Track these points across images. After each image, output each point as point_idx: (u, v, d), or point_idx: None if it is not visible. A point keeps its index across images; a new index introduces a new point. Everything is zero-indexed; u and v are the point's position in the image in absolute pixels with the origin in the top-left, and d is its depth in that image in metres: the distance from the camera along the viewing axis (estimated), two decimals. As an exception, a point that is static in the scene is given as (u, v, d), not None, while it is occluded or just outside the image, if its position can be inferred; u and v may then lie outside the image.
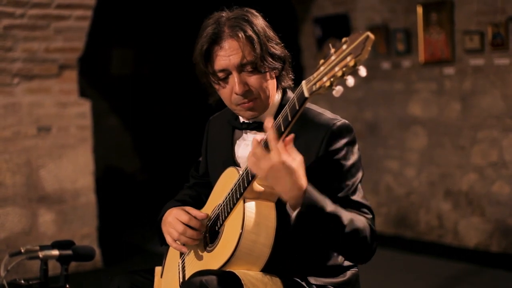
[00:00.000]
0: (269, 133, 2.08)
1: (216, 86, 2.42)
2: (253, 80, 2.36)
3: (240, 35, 2.33)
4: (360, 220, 2.24)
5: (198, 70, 2.45)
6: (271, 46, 2.38)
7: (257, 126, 2.46)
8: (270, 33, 2.41)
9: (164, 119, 10.39)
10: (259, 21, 2.40)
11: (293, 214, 2.13)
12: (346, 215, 2.19)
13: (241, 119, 2.53)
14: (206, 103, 2.62)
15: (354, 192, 2.32)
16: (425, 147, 6.54)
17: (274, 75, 2.43)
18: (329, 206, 2.15)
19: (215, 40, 2.35)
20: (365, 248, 2.26)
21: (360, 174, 2.37)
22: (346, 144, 2.34)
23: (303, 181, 2.10)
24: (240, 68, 2.35)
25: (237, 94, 2.35)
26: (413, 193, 6.66)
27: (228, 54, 2.34)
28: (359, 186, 2.36)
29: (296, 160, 2.09)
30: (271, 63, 2.37)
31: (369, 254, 2.29)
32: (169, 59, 10.37)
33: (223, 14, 2.40)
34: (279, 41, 2.43)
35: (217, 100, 2.54)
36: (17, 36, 5.36)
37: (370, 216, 2.31)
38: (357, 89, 6.99)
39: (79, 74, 5.87)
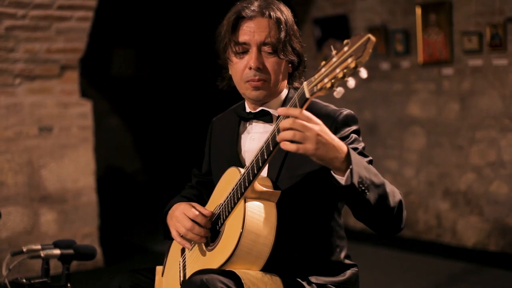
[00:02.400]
0: (295, 110, 2.06)
1: (233, 58, 2.47)
2: (269, 62, 2.42)
3: (271, 14, 2.42)
4: (390, 184, 2.27)
5: (218, 43, 2.52)
6: (294, 39, 2.46)
7: (264, 115, 2.50)
8: (296, 28, 2.49)
9: (165, 120, 10.41)
10: (289, 13, 2.50)
11: (344, 178, 2.10)
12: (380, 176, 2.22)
13: (248, 109, 2.56)
14: (206, 104, 2.65)
15: None
16: (423, 147, 6.56)
17: (287, 70, 2.50)
18: (368, 165, 2.19)
19: (246, 13, 2.43)
20: (401, 210, 2.25)
21: (370, 157, 2.40)
22: (353, 132, 2.40)
23: (339, 140, 2.12)
24: (261, 46, 2.41)
25: (251, 68, 2.41)
26: (412, 193, 6.68)
27: (253, 30, 2.41)
28: (372, 166, 2.37)
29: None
30: (290, 54, 2.44)
31: (402, 219, 2.27)
32: (170, 60, 10.39)
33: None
34: (300, 40, 2.51)
35: (224, 85, 2.60)
36: (19, 37, 5.38)
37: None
38: (356, 90, 7.00)
39: (80, 75, 5.89)
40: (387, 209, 2.19)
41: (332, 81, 1.94)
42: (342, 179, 2.11)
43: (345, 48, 1.93)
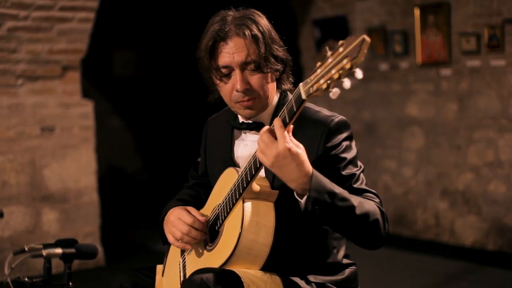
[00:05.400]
0: (276, 122, 2.08)
1: (218, 82, 2.44)
2: (254, 79, 2.38)
3: (246, 33, 2.35)
4: (369, 203, 2.25)
5: (201, 66, 2.47)
6: (275, 47, 2.41)
7: (256, 127, 2.48)
8: (274, 35, 2.44)
9: (165, 120, 10.42)
10: (265, 22, 2.43)
11: (302, 201, 2.14)
12: (355, 198, 2.21)
13: (240, 119, 2.55)
14: (206, 105, 2.66)
15: (357, 181, 2.34)
16: (422, 147, 6.58)
17: (274, 77, 2.46)
18: (337, 188, 2.16)
19: (221, 36, 2.37)
20: (378, 230, 2.26)
21: (360, 166, 2.40)
22: (345, 139, 2.38)
23: (308, 167, 2.11)
24: (243, 66, 2.37)
25: (238, 91, 2.37)
26: (411, 193, 6.70)
27: (232, 52, 2.36)
28: (362, 175, 2.38)
29: (300, 147, 2.11)
30: (274, 64, 2.40)
31: (382, 237, 2.29)
32: (170, 61, 10.40)
33: (230, 13, 2.44)
34: (282, 44, 2.46)
35: (216, 99, 2.56)
36: (21, 38, 5.40)
37: (377, 200, 2.33)
38: (355, 90, 7.04)
39: (82, 75, 5.91)
40: (356, 231, 2.24)
41: (328, 82, 1.93)
42: (301, 202, 2.16)
43: (340, 49, 1.92)
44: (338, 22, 7.12)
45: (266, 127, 2.12)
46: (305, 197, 2.13)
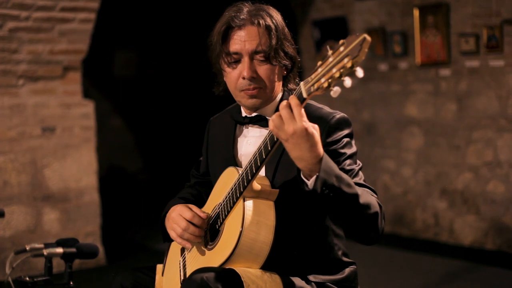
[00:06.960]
0: (292, 100, 2.07)
1: (226, 67, 2.47)
2: (262, 69, 2.42)
3: (261, 22, 2.40)
4: (370, 196, 2.26)
5: (211, 51, 2.50)
6: (286, 43, 2.44)
7: (259, 120, 2.51)
8: (287, 32, 2.48)
9: (166, 120, 10.43)
10: (279, 18, 2.48)
11: (310, 182, 2.12)
12: (358, 188, 2.20)
13: (243, 113, 2.57)
14: (207, 104, 2.68)
15: (356, 176, 2.35)
16: (421, 147, 6.60)
17: (281, 75, 2.49)
18: (343, 175, 2.16)
19: (236, 22, 2.41)
20: (376, 224, 2.23)
21: (359, 163, 2.41)
22: (345, 136, 2.41)
23: (320, 149, 2.10)
24: (253, 55, 2.40)
25: (244, 78, 2.40)
26: (410, 192, 6.72)
27: (244, 39, 2.39)
28: (360, 172, 2.38)
29: (315, 128, 2.10)
30: (282, 59, 2.43)
31: (378, 232, 2.25)
32: (171, 61, 10.41)
33: (246, 5, 2.48)
34: (292, 42, 2.49)
35: (221, 91, 2.59)
36: (22, 39, 5.41)
37: (375, 196, 2.33)
38: (354, 90, 7.05)
39: (82, 76, 5.91)
40: (356, 221, 2.20)
41: (329, 80, 1.95)
42: (307, 183, 2.13)
43: (341, 48, 1.94)
44: (337, 22, 7.13)
45: (285, 102, 2.09)
46: (313, 178, 2.11)
